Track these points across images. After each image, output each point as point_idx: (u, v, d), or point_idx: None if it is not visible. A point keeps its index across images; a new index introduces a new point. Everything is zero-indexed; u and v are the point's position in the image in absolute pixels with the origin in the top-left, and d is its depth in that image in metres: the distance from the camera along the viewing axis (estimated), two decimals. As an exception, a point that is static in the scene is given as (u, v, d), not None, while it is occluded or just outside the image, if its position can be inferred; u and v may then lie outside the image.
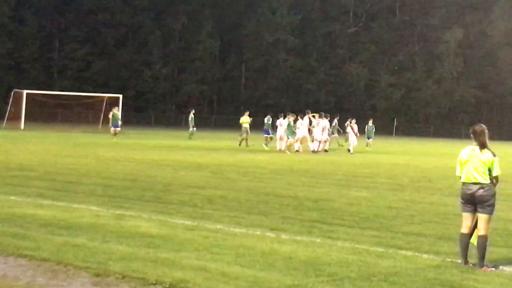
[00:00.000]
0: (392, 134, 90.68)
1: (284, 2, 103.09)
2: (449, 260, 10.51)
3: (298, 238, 11.90)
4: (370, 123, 48.47)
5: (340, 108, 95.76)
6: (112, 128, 49.30)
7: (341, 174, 25.96)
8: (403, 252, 11.02)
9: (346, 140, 45.01)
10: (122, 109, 63.34)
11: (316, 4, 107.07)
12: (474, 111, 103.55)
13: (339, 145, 47.01)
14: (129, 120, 70.53)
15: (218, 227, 12.73)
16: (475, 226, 10.33)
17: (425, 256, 10.78)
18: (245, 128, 45.02)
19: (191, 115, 54.86)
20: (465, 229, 10.36)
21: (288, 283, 8.72)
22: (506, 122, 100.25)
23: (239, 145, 44.00)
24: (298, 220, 13.89)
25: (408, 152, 46.32)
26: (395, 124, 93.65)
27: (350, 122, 43.53)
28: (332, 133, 45.18)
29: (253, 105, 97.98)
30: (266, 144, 42.79)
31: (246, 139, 44.29)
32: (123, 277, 8.75)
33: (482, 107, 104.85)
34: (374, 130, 49.12)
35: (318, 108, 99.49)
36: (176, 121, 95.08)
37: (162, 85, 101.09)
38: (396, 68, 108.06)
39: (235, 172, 24.86)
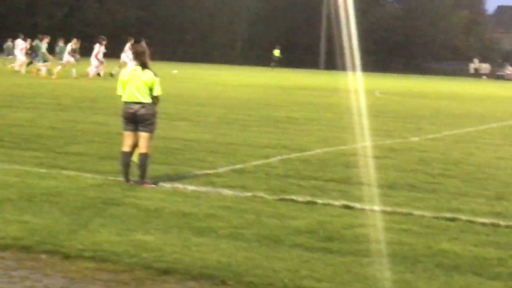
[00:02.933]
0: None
1: None
2: (112, 178, 10.65)
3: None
4: (61, 43, 44.22)
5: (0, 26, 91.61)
6: None
7: (1, 94, 25.04)
8: (66, 172, 10.97)
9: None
10: None
11: None
12: (137, 30, 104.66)
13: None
14: None
15: None
16: (136, 145, 10.53)
17: (87, 175, 10.82)
18: None
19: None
20: (126, 148, 10.52)
21: None
22: (167, 42, 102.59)
23: None
24: (-46, 144, 13.25)
25: (69, 72, 45.74)
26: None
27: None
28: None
29: None
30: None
31: None
32: None
33: (144, 27, 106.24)
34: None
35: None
36: None
37: None
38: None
39: None
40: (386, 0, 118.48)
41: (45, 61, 39.21)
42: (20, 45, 43.30)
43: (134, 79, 10.43)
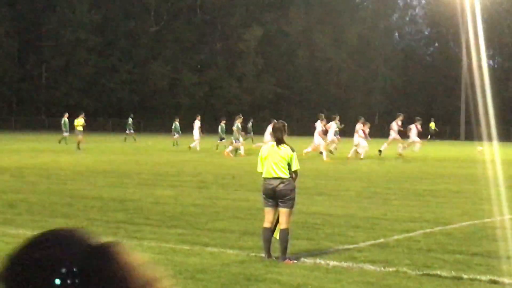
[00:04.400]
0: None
1: (84, 0, 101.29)
2: (254, 254, 10.75)
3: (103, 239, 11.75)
4: (223, 123, 46.15)
5: (144, 107, 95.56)
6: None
7: (147, 173, 25.86)
8: (209, 248, 11.16)
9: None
10: None
11: (117, 2, 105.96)
12: (275, 107, 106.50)
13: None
14: None
15: (21, 232, 12.34)
16: (278, 221, 10.62)
17: (230, 251, 10.97)
18: (79, 130, 44.61)
19: (129, 120, 59.38)
20: (267, 224, 10.62)
21: None
22: (305, 117, 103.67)
23: (78, 148, 42.42)
24: (104, 222, 13.74)
25: (211, 149, 46.87)
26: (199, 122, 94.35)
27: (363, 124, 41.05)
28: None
29: (55, 105, 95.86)
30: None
31: (79, 142, 43.27)
32: None
33: (282, 103, 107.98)
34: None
35: (120, 107, 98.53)
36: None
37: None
38: (199, 66, 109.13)
39: (37, 174, 24.17)
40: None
41: (237, 139, 40.69)
42: (197, 124, 47.94)
43: (272, 155, 10.60)
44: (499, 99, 79.15)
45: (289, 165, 10.56)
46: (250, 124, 54.20)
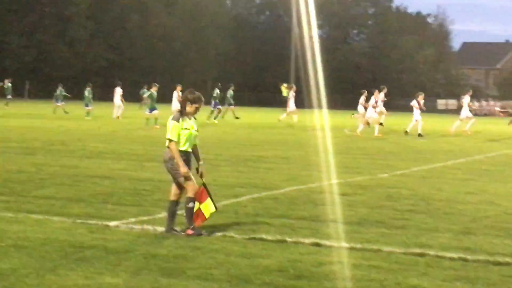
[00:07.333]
0: (24, 97, 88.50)
1: None
2: (80, 221, 10.60)
3: None
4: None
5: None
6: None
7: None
8: (34, 216, 10.90)
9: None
10: None
11: None
12: (107, 73, 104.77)
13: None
14: None
15: None
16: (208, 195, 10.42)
17: (55, 218, 10.76)
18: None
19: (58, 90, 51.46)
20: (171, 196, 10.38)
21: None
22: (137, 84, 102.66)
23: None
24: None
25: (43, 116, 45.62)
26: (27, 87, 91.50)
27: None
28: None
29: None
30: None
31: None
32: None
33: (114, 69, 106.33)
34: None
35: None
36: None
37: None
38: (27, 29, 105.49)
39: None
40: (353, 38, 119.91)
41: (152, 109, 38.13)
42: (119, 92, 46.33)
43: None
44: (329, 67, 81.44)
45: None
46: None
